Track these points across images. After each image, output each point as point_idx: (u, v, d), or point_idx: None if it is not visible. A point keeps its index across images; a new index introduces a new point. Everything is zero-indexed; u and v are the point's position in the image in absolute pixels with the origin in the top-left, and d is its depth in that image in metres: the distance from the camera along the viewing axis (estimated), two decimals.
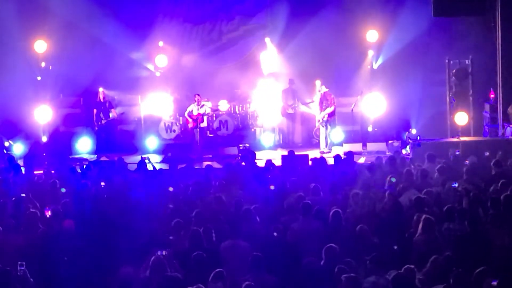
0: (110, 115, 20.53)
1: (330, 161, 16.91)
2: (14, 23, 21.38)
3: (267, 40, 22.31)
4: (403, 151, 18.82)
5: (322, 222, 11.33)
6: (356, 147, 19.72)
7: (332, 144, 20.19)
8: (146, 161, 16.68)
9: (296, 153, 17.33)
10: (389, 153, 18.15)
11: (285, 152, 17.70)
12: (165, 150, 20.04)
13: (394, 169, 15.03)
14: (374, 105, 21.36)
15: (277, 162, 17.09)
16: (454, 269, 9.14)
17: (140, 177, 14.81)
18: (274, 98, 22.03)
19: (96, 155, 20.24)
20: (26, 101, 21.67)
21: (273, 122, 21.93)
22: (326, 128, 20.22)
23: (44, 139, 21.60)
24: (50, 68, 21.90)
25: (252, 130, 21.58)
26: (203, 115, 20.96)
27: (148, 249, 10.36)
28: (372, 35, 21.43)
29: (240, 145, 20.22)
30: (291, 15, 22.00)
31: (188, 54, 23.05)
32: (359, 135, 21.04)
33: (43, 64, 22.04)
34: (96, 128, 20.54)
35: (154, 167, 16.62)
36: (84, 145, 21.21)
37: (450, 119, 20.54)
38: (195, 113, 20.97)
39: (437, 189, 13.02)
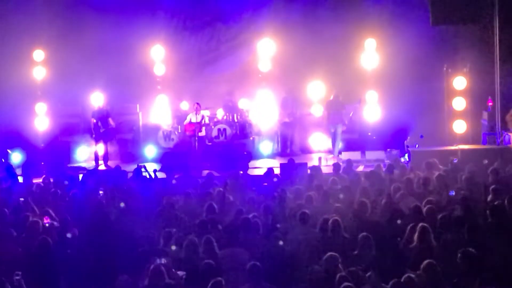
0: (109, 124, 20.49)
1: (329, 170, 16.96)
2: (13, 32, 21.43)
3: (265, 48, 22.30)
4: (402, 159, 18.84)
5: (321, 231, 11.32)
6: (355, 155, 19.71)
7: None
8: (142, 169, 16.70)
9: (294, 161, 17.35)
10: (388, 161, 18.13)
11: (284, 161, 17.69)
12: (163, 159, 20.03)
13: (393, 177, 15.05)
14: (372, 113, 21.40)
15: (276, 170, 17.10)
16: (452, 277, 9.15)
17: (137, 185, 14.82)
18: (272, 107, 22.06)
19: (94, 164, 20.24)
20: (25, 110, 21.70)
21: (272, 131, 21.94)
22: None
23: (43, 148, 21.59)
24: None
25: (251, 138, 21.58)
26: (201, 124, 20.95)
27: (147, 258, 10.36)
28: (370, 43, 21.46)
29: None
30: (288, 24, 21.99)
31: (186, 63, 23.06)
32: (358, 143, 21.05)
33: (41, 73, 22.07)
34: (94, 136, 20.47)
35: (150, 175, 16.63)
36: (82, 154, 21.22)
37: (448, 127, 20.58)
38: (193, 121, 20.97)
39: (435, 197, 13.02)
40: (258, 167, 19.26)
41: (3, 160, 19.74)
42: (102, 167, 20.03)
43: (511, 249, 10.42)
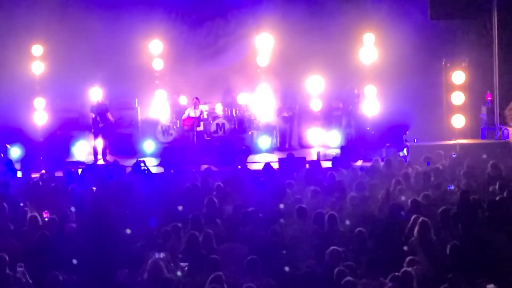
0: (107, 119, 20.48)
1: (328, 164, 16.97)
2: (11, 27, 21.41)
3: (264, 42, 22.29)
4: (400, 154, 18.84)
5: (319, 226, 11.34)
6: (353, 149, 19.67)
7: None
8: (141, 164, 16.70)
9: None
10: (386, 155, 18.13)
11: (282, 155, 17.68)
12: (162, 154, 20.02)
13: (391, 172, 15.06)
14: (371, 107, 21.41)
15: (275, 165, 17.10)
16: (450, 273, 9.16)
17: (136, 180, 14.82)
18: (271, 101, 22.05)
19: (93, 159, 20.24)
20: (24, 105, 21.69)
21: (270, 125, 21.94)
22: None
23: (41, 142, 21.58)
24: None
25: (250, 133, 21.58)
26: (199, 118, 20.95)
27: (145, 252, 10.38)
28: (369, 37, 21.45)
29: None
30: (287, 19, 21.96)
31: (185, 58, 23.03)
32: (356, 138, 21.04)
33: (40, 68, 22.06)
34: (93, 131, 20.45)
35: (149, 170, 16.63)
36: (81, 149, 21.21)
37: (447, 122, 20.59)
38: (192, 116, 20.96)
39: (433, 192, 13.03)
40: (257, 162, 19.27)
41: (2, 155, 19.74)
42: (101, 162, 20.02)
43: (509, 243, 10.45)
